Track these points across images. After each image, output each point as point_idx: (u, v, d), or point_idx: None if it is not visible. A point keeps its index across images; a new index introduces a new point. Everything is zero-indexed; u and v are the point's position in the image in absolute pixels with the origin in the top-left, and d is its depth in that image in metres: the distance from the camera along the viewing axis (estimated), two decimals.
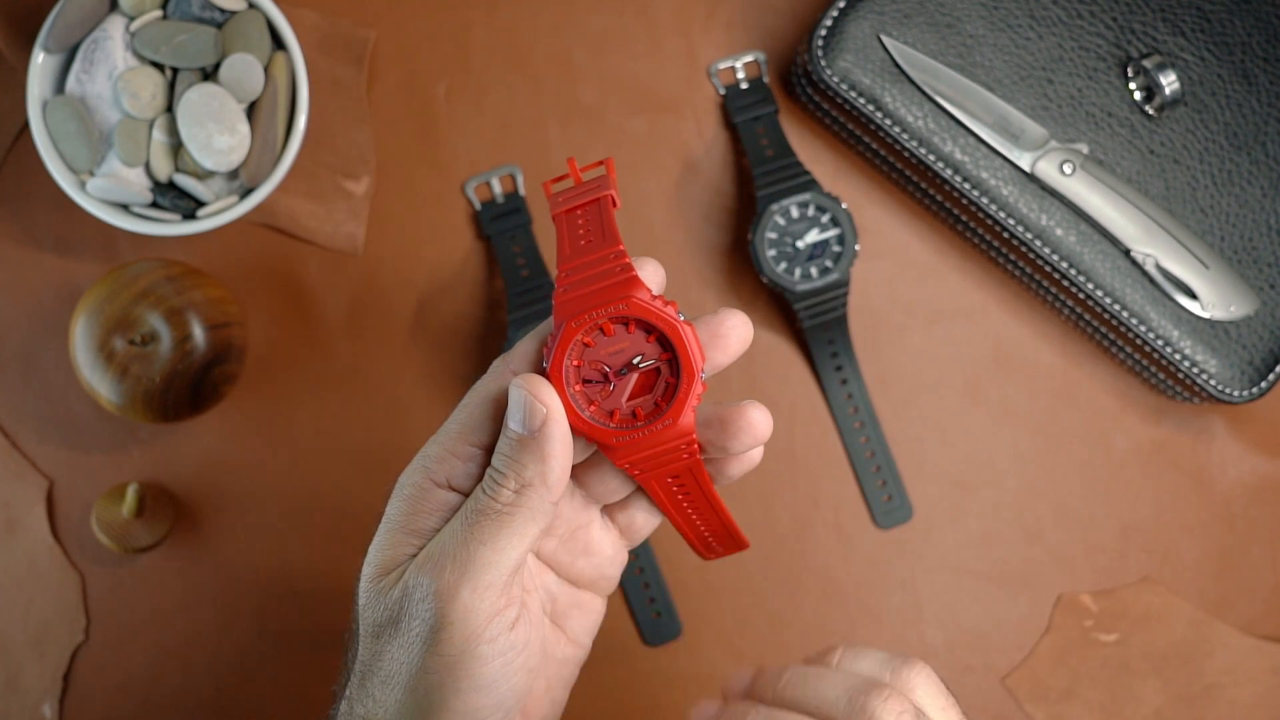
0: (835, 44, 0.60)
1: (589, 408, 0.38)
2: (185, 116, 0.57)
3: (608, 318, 0.37)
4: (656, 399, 0.38)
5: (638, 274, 0.37)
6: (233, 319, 0.60)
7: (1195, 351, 0.61)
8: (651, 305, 0.37)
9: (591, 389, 0.38)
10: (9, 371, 0.63)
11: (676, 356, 0.37)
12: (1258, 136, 0.61)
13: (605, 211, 0.39)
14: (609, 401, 0.38)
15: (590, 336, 0.38)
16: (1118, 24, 0.61)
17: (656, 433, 0.37)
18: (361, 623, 0.39)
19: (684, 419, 0.37)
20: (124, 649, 0.63)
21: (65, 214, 0.63)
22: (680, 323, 0.37)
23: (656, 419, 0.37)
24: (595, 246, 0.38)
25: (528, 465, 0.36)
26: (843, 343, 0.64)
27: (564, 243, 0.38)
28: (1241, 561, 0.65)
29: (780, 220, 0.61)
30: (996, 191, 0.61)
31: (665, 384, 0.38)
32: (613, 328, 0.37)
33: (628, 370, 0.38)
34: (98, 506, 0.60)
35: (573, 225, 0.39)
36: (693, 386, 0.37)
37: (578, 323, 0.37)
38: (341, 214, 0.63)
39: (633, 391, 0.38)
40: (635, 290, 0.37)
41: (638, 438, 0.37)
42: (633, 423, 0.38)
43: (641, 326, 0.37)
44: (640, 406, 0.38)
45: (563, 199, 0.40)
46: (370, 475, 0.63)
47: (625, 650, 0.64)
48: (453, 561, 0.36)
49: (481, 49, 0.65)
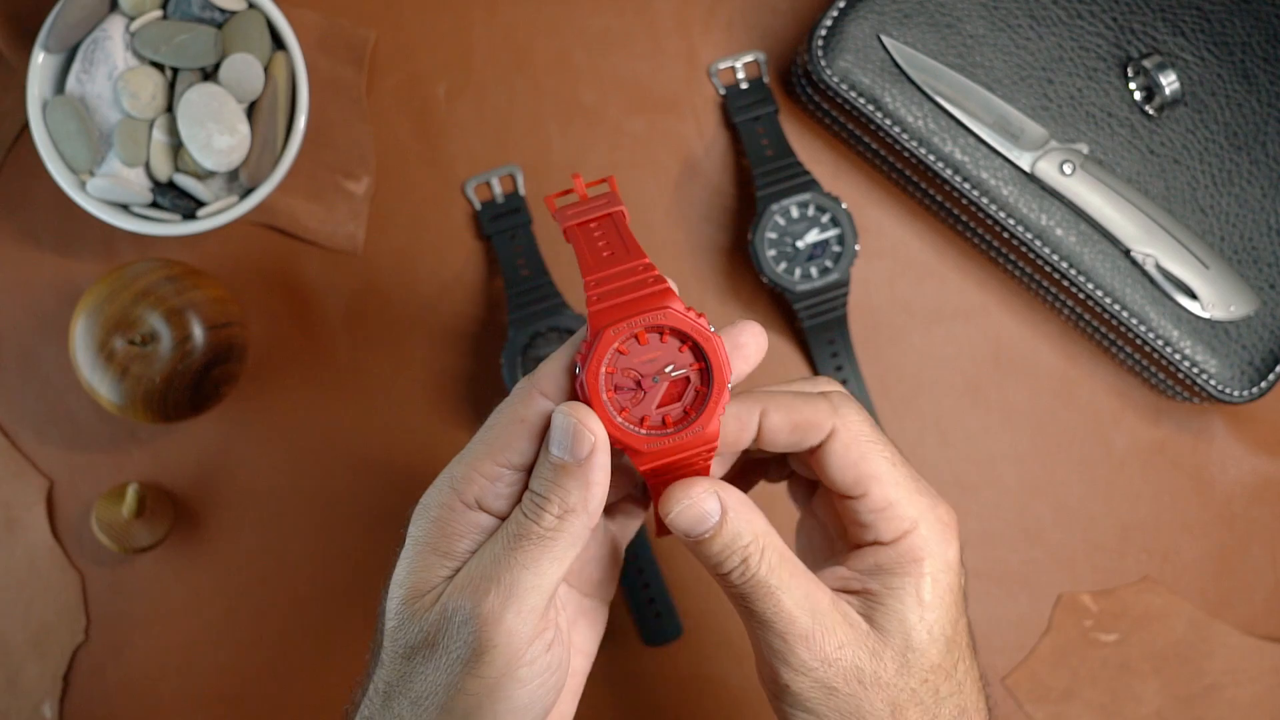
0: (835, 44, 0.60)
1: (620, 414, 0.39)
2: (185, 116, 0.57)
3: (644, 327, 0.39)
4: (686, 407, 0.39)
5: (670, 286, 0.39)
6: (233, 319, 0.60)
7: (1195, 351, 0.61)
8: (688, 316, 0.38)
9: (623, 395, 0.39)
10: (9, 371, 0.63)
11: (709, 366, 0.39)
12: (1258, 136, 0.61)
13: (621, 225, 0.41)
14: (640, 409, 0.39)
15: (625, 345, 0.39)
16: (1118, 24, 0.61)
17: (685, 440, 0.39)
18: (390, 643, 0.39)
19: (712, 426, 0.39)
20: (124, 649, 0.63)
21: (65, 214, 0.63)
22: (712, 334, 0.39)
23: (686, 426, 0.39)
24: (619, 259, 0.39)
25: (571, 491, 0.37)
26: (843, 343, 0.64)
27: (585, 255, 0.40)
28: (1241, 561, 0.65)
29: (780, 220, 0.61)
30: (996, 191, 0.61)
31: (695, 392, 0.39)
32: (647, 337, 0.39)
33: (660, 379, 0.39)
34: (98, 506, 0.60)
35: (590, 239, 0.40)
36: (722, 395, 0.39)
37: (615, 331, 0.38)
38: (341, 214, 0.63)
39: (661, 400, 0.39)
40: (671, 301, 0.38)
41: (666, 444, 0.39)
42: (662, 429, 0.39)
43: (675, 336, 0.39)
44: (669, 414, 0.39)
45: (572, 213, 0.42)
46: (370, 475, 0.63)
47: (625, 650, 0.64)
48: (496, 585, 0.36)
49: (481, 49, 0.65)
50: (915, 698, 0.39)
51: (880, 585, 0.40)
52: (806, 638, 0.39)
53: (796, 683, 0.39)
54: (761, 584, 0.39)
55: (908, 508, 0.40)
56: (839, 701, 0.39)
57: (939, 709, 0.40)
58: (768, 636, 0.39)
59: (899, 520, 0.40)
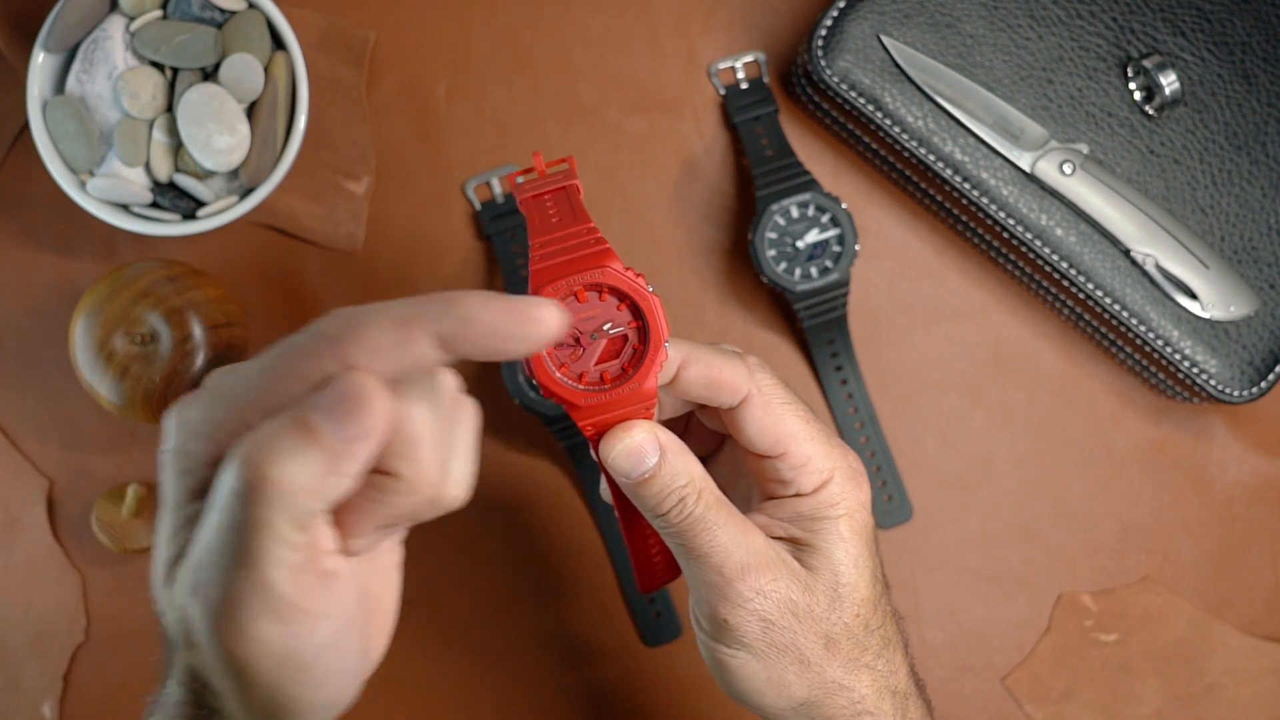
0: (835, 44, 0.60)
1: (559, 370, 0.40)
2: (185, 116, 0.57)
3: (582, 285, 0.39)
4: (623, 364, 0.40)
5: (610, 247, 0.40)
6: (233, 319, 0.60)
7: (1195, 351, 0.61)
8: (625, 275, 0.39)
9: (563, 352, 0.40)
10: (9, 371, 0.63)
11: (646, 324, 0.40)
12: (1258, 136, 0.61)
13: (573, 196, 0.42)
14: (579, 365, 0.40)
15: (565, 302, 0.40)
16: (1118, 24, 0.61)
17: (622, 395, 0.40)
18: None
19: (649, 383, 0.40)
20: (124, 649, 0.63)
21: (65, 214, 0.63)
22: (650, 293, 0.40)
23: (623, 382, 0.40)
24: (566, 224, 0.40)
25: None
26: (843, 343, 0.64)
27: (534, 221, 0.41)
28: (1241, 561, 0.65)
29: (780, 220, 0.61)
30: (996, 191, 0.61)
31: (632, 350, 0.40)
32: (586, 295, 0.40)
33: (599, 335, 0.40)
34: (98, 506, 0.60)
35: (542, 208, 0.42)
36: (658, 353, 0.40)
37: (554, 288, 0.39)
38: (341, 214, 0.63)
39: (600, 357, 0.40)
40: (610, 260, 0.39)
41: (604, 399, 0.40)
42: (600, 385, 0.40)
43: (614, 294, 0.40)
44: (607, 371, 0.41)
45: (530, 187, 0.43)
46: None
47: (625, 650, 0.64)
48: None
49: (481, 49, 0.65)
50: (847, 631, 0.42)
51: (803, 530, 0.43)
52: (743, 570, 0.41)
53: (734, 616, 0.41)
54: (699, 520, 0.41)
55: (824, 461, 0.43)
56: (775, 635, 0.41)
57: (868, 640, 0.43)
58: (705, 573, 0.41)
59: (817, 473, 0.43)
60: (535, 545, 0.64)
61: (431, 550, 0.63)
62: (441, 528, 0.65)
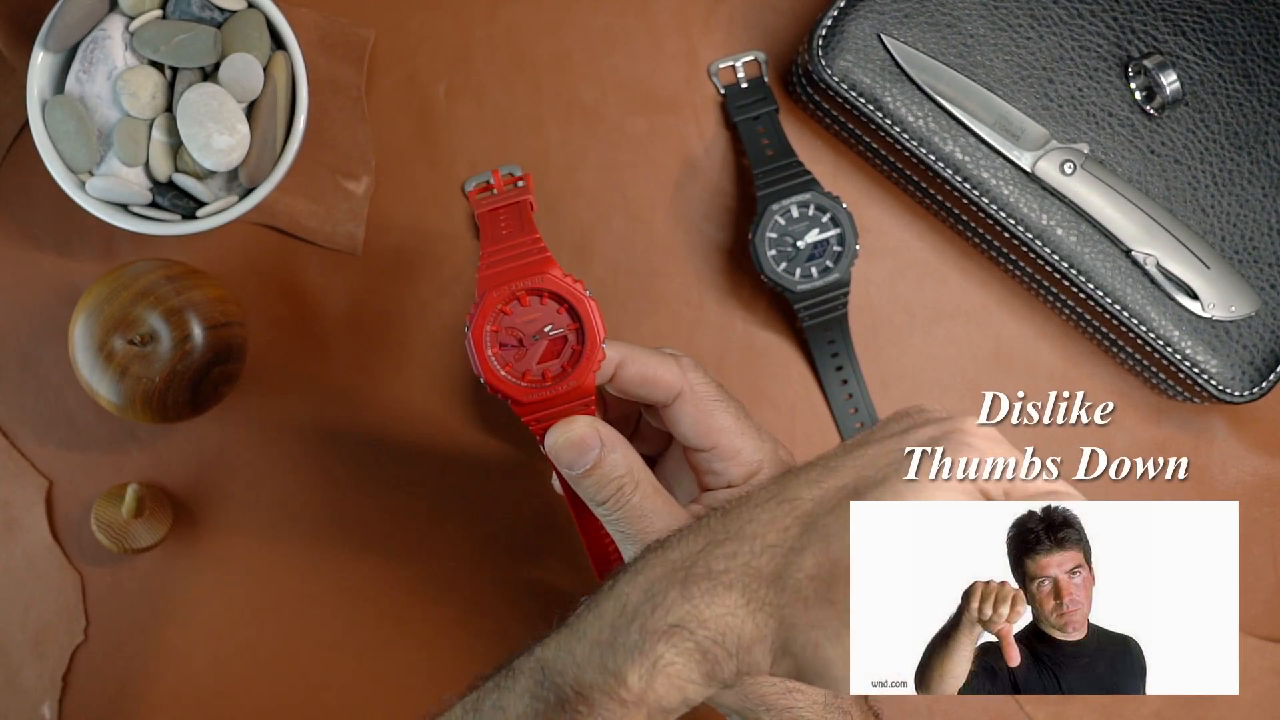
0: (835, 44, 0.60)
1: (504, 368, 0.44)
2: (185, 116, 0.57)
3: (524, 290, 0.44)
4: (564, 363, 0.44)
5: (551, 256, 0.44)
6: (233, 319, 0.60)
7: (1196, 351, 0.61)
8: (564, 280, 0.44)
9: (508, 352, 0.44)
10: (9, 371, 0.63)
11: (583, 326, 0.44)
12: (1258, 136, 0.61)
13: (524, 212, 0.47)
14: (522, 364, 0.44)
15: (508, 306, 0.44)
16: (1118, 23, 0.61)
17: (563, 392, 0.44)
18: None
19: (586, 380, 0.44)
20: (124, 649, 0.63)
21: (65, 214, 0.63)
22: (587, 298, 0.44)
23: (564, 379, 0.44)
24: (514, 235, 0.45)
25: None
26: (843, 342, 0.64)
27: (486, 232, 0.46)
28: (1241, 562, 0.65)
29: (780, 220, 0.61)
30: (997, 191, 0.61)
31: (571, 350, 0.44)
32: (528, 299, 0.44)
33: (540, 337, 0.44)
34: (97, 506, 0.60)
35: (495, 221, 0.47)
36: (595, 353, 0.44)
37: (499, 293, 0.44)
38: (341, 214, 0.63)
39: (542, 357, 0.44)
40: (550, 268, 0.44)
41: (546, 396, 0.44)
42: (541, 383, 0.44)
43: (554, 299, 0.44)
44: (548, 370, 0.45)
45: (487, 202, 0.49)
46: (370, 475, 0.63)
47: None
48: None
49: (481, 49, 0.64)
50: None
51: None
52: None
53: None
54: (636, 508, 0.44)
55: (753, 453, 0.46)
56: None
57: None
58: None
59: (746, 465, 0.46)
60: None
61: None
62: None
